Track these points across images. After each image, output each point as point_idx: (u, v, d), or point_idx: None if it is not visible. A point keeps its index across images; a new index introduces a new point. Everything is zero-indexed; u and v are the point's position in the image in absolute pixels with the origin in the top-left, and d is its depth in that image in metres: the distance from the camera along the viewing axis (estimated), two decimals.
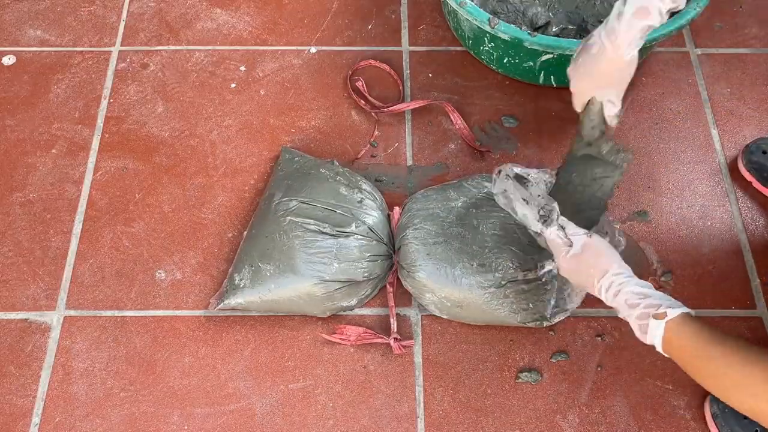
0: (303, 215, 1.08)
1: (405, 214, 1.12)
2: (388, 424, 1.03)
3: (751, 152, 1.23)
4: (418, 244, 1.07)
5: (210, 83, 1.36)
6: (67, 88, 1.35)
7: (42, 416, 1.02)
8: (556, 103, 1.34)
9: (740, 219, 1.21)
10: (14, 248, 1.17)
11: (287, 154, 1.22)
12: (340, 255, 1.05)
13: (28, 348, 1.08)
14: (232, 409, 1.03)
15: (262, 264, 1.06)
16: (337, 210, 1.09)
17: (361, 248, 1.06)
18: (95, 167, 1.25)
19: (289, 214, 1.08)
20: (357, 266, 1.05)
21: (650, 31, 0.85)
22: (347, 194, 1.11)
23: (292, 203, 1.09)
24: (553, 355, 1.07)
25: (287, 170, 1.18)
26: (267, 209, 1.12)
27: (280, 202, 1.10)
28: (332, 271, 1.04)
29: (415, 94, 1.35)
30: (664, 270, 1.16)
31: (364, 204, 1.11)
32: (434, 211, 1.10)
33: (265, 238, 1.08)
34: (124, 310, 1.11)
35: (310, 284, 1.04)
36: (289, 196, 1.11)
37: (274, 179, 1.18)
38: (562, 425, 1.03)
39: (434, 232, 1.07)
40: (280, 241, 1.06)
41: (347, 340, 1.07)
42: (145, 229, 1.19)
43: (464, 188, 1.14)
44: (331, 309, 1.08)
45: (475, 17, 1.22)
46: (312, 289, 1.04)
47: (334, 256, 1.04)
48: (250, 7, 1.47)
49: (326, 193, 1.11)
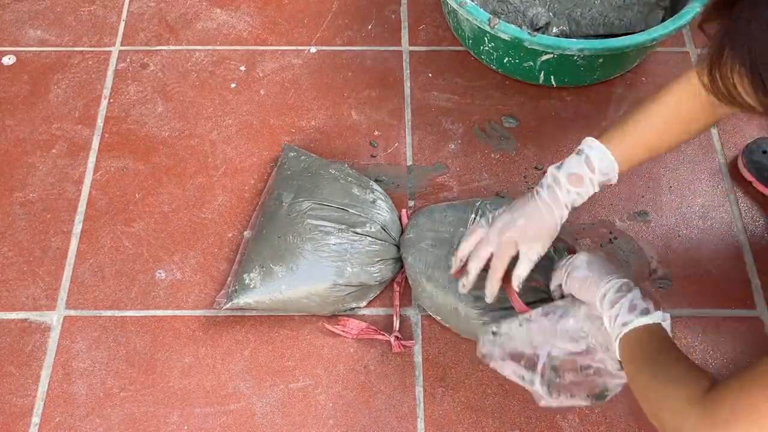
0: (318, 217, 1.07)
1: (412, 228, 1.10)
2: (388, 424, 1.03)
3: (751, 152, 1.23)
4: (421, 265, 1.05)
5: (210, 83, 1.36)
6: (67, 88, 1.35)
7: (42, 416, 1.02)
8: (556, 103, 1.34)
9: (740, 219, 1.21)
10: (14, 248, 1.17)
11: (291, 152, 1.21)
12: (354, 258, 1.05)
13: (28, 348, 1.08)
14: (232, 409, 1.03)
15: (274, 265, 1.05)
16: (351, 210, 1.08)
17: (373, 251, 1.06)
18: (95, 167, 1.25)
19: (305, 216, 1.07)
20: (370, 270, 1.05)
21: (584, 198, 0.89)
22: (360, 194, 1.11)
23: (305, 204, 1.09)
24: None
25: (294, 169, 1.17)
26: (277, 210, 1.11)
27: (293, 203, 1.10)
28: (346, 275, 1.04)
29: (415, 94, 1.35)
30: (664, 270, 1.16)
31: (377, 204, 1.11)
32: (442, 235, 1.07)
33: (278, 239, 1.07)
34: (124, 310, 1.11)
35: (324, 287, 1.04)
36: (302, 197, 1.10)
37: (280, 178, 1.17)
38: (562, 425, 1.03)
39: (437, 255, 1.05)
40: (293, 243, 1.06)
41: (349, 333, 1.07)
42: (145, 229, 1.19)
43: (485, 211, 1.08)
44: (340, 310, 1.09)
45: (475, 17, 1.22)
46: (325, 292, 1.04)
47: (348, 260, 1.04)
48: (250, 7, 1.47)
49: (340, 193, 1.10)
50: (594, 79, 1.34)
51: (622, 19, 1.33)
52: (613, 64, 1.30)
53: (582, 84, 1.35)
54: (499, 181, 1.24)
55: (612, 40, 1.19)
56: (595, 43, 1.19)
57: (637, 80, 1.37)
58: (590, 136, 0.89)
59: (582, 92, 1.35)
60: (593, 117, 1.32)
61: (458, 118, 1.32)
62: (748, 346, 1.09)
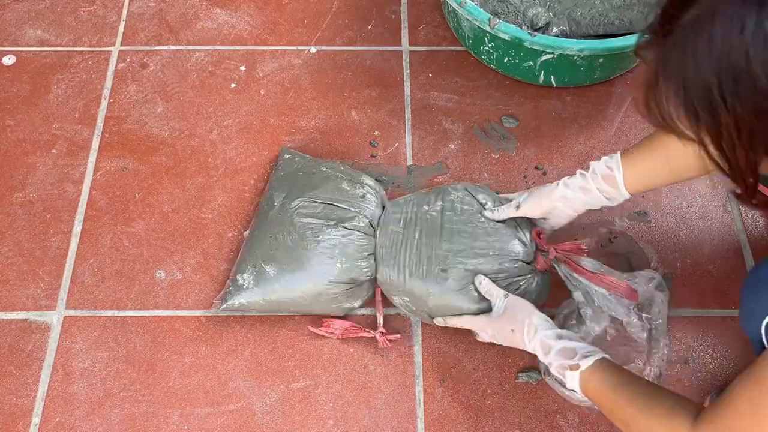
0: (306, 214, 1.07)
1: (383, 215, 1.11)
2: (388, 424, 1.03)
3: None
4: (387, 247, 1.06)
5: (210, 83, 1.36)
6: (67, 88, 1.35)
7: (42, 416, 1.02)
8: (556, 103, 1.34)
9: (740, 219, 1.21)
10: (14, 248, 1.17)
11: (287, 154, 1.21)
12: (344, 254, 1.04)
13: (28, 348, 1.08)
14: (232, 409, 1.03)
15: (266, 265, 1.05)
16: (339, 204, 1.08)
17: (362, 245, 1.06)
18: (95, 167, 1.25)
19: (294, 214, 1.08)
20: (361, 265, 1.05)
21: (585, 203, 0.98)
22: (350, 189, 1.11)
23: (295, 202, 1.09)
24: None
25: (288, 171, 1.17)
26: (269, 210, 1.11)
27: (284, 203, 1.10)
28: (336, 272, 1.04)
29: (415, 94, 1.35)
30: (664, 270, 1.16)
31: (366, 199, 1.11)
32: (409, 215, 1.08)
33: (269, 239, 1.08)
34: (124, 310, 1.11)
35: (315, 285, 1.04)
36: (292, 196, 1.10)
37: (275, 180, 1.17)
38: (562, 425, 1.03)
39: (403, 235, 1.06)
40: (284, 242, 1.06)
41: (333, 333, 1.07)
42: (145, 229, 1.19)
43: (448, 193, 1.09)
44: (333, 310, 1.08)
45: (475, 17, 1.22)
46: (317, 289, 1.04)
47: (338, 256, 1.04)
48: (250, 7, 1.47)
49: (329, 189, 1.10)
50: (594, 79, 1.34)
51: (622, 19, 1.33)
52: (613, 64, 1.30)
53: (582, 84, 1.35)
54: (499, 181, 1.24)
55: (612, 40, 1.19)
56: (595, 43, 1.19)
57: None
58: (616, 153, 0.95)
59: (582, 92, 1.35)
60: (593, 117, 1.32)
61: (458, 118, 1.32)
62: (748, 345, 1.09)
